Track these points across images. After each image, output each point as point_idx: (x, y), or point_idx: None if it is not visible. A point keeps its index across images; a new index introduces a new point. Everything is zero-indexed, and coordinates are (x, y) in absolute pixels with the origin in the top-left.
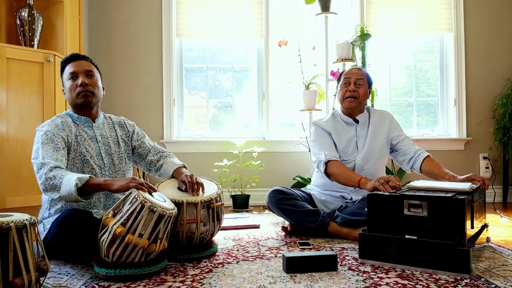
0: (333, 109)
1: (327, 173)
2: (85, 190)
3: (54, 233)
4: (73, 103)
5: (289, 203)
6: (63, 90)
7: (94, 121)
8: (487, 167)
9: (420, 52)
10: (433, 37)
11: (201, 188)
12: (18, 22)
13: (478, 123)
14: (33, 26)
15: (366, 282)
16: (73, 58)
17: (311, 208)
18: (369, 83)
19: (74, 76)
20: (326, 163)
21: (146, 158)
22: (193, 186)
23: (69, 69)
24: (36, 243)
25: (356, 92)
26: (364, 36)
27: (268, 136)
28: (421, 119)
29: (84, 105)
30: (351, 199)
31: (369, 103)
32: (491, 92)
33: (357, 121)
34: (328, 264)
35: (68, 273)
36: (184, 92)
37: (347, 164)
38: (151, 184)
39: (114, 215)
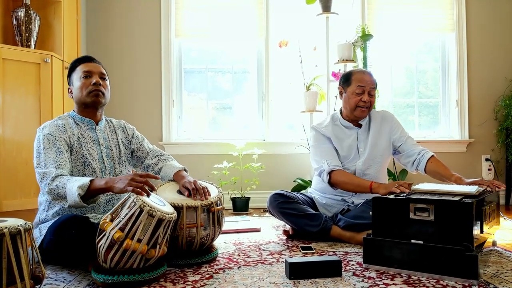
0: (334, 110)
1: (330, 183)
2: (89, 195)
3: (50, 239)
4: (81, 102)
5: (290, 207)
6: (69, 88)
7: (97, 124)
8: (489, 169)
9: (422, 53)
10: (435, 38)
11: (207, 192)
12: (14, 22)
13: (481, 125)
14: (30, 26)
15: None
16: (88, 59)
17: (313, 211)
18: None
19: (88, 75)
20: (330, 173)
21: (144, 161)
22: (198, 191)
23: (83, 68)
24: (31, 249)
25: (369, 102)
26: (365, 36)
27: (269, 138)
28: (422, 120)
29: (93, 104)
30: (352, 202)
31: None
32: (493, 93)
33: (359, 125)
34: (332, 270)
35: (65, 280)
36: (183, 94)
37: (348, 169)
38: (151, 184)
39: (112, 220)
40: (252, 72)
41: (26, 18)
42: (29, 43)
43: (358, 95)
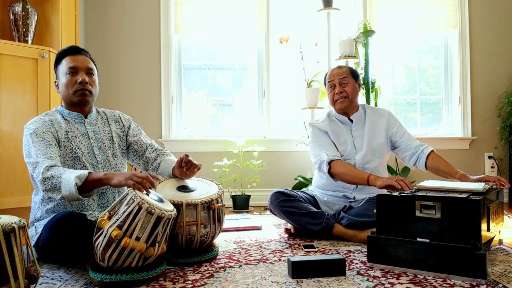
0: None
1: (330, 173)
2: (85, 187)
3: (46, 237)
4: (67, 100)
5: (292, 205)
6: (55, 82)
7: (86, 117)
8: (492, 167)
9: (424, 50)
10: (437, 34)
11: (195, 169)
12: (11, 17)
13: (483, 122)
14: (27, 21)
15: None
16: (73, 51)
17: (315, 210)
18: (356, 77)
19: (73, 71)
20: (329, 163)
21: (143, 156)
22: (187, 164)
23: (68, 62)
24: (26, 247)
25: (344, 92)
26: (367, 32)
27: (269, 135)
28: (425, 117)
29: (80, 104)
30: (354, 198)
31: (372, 102)
32: (496, 90)
33: (351, 121)
34: (336, 269)
35: (61, 279)
36: (183, 91)
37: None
38: (151, 179)
39: (109, 217)
40: (252, 69)
41: (24, 13)
42: (27, 38)
43: (331, 89)
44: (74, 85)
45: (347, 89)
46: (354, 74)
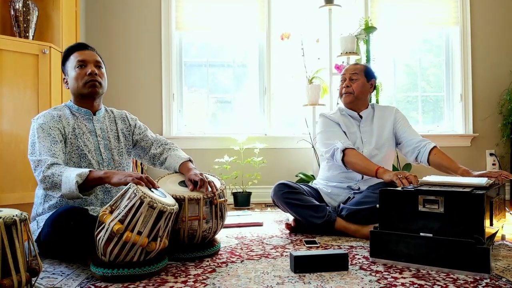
0: (337, 103)
1: (343, 161)
2: (86, 185)
3: (48, 232)
4: (77, 93)
5: (295, 197)
6: (64, 79)
7: (94, 114)
8: (493, 164)
9: (426, 47)
10: (439, 31)
11: (213, 186)
12: (12, 12)
13: (485, 119)
14: (28, 17)
15: (380, 283)
16: (81, 47)
17: (318, 203)
18: (368, 76)
19: (82, 64)
20: (344, 151)
21: (149, 151)
22: (204, 184)
23: (77, 57)
24: (27, 241)
25: (350, 87)
26: (368, 29)
27: (270, 132)
28: (426, 114)
29: (91, 95)
30: (358, 189)
31: (373, 100)
32: (498, 87)
33: (361, 117)
34: (338, 264)
35: (62, 273)
36: (183, 87)
37: None
38: (151, 179)
39: (111, 212)
40: (253, 66)
41: (24, 9)
42: (27, 34)
43: (342, 82)
44: (84, 77)
45: (354, 85)
46: (367, 73)
